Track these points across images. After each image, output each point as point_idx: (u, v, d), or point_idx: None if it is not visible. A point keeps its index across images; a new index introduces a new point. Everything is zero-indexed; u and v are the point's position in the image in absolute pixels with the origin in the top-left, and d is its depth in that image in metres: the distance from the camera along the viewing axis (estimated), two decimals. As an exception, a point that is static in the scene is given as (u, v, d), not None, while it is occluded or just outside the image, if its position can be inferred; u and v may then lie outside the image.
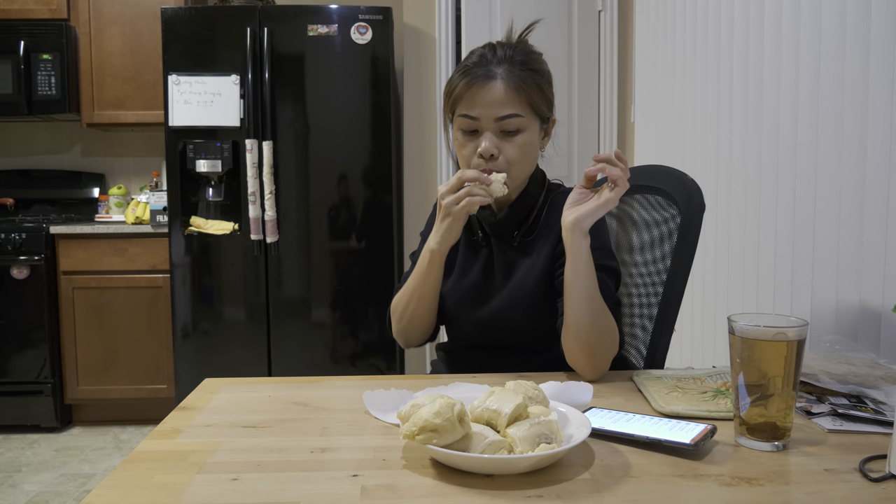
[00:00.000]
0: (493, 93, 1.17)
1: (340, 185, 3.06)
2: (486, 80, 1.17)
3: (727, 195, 1.96)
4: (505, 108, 1.17)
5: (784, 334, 0.80)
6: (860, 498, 0.69)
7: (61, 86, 3.37)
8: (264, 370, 3.08)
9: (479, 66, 1.19)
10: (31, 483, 2.66)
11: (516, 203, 1.27)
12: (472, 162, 1.20)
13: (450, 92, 1.22)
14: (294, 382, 1.14)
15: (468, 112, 1.18)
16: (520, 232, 1.29)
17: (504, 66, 1.18)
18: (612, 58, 3.27)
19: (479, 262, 1.32)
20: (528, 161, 1.23)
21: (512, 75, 1.18)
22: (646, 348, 1.34)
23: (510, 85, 1.17)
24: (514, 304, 1.26)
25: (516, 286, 1.26)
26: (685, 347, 2.25)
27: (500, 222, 1.28)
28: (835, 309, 1.44)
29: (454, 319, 1.33)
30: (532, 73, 1.21)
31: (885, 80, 1.29)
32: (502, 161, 1.18)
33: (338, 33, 2.99)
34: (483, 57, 1.20)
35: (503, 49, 1.21)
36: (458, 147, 1.23)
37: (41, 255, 3.19)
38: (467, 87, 1.18)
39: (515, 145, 1.19)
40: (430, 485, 0.73)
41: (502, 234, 1.30)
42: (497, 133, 1.18)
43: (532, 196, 1.29)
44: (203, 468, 0.78)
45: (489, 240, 1.32)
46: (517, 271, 1.28)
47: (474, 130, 1.19)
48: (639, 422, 0.88)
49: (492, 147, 1.17)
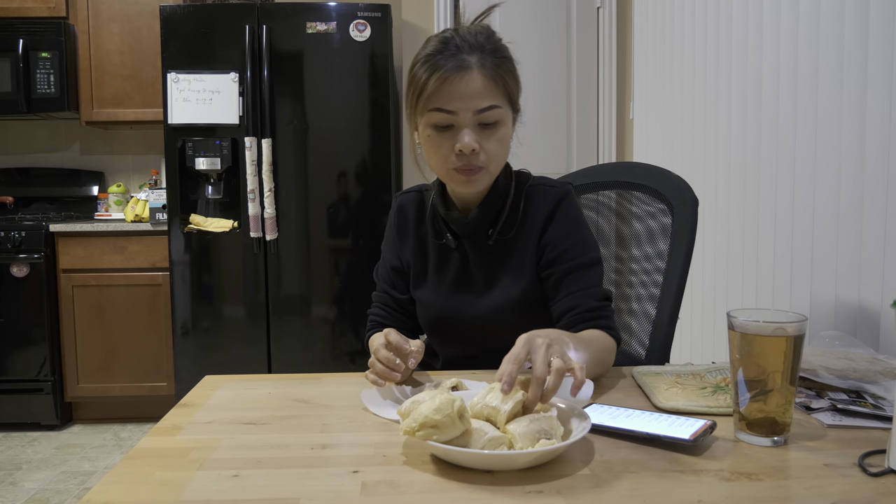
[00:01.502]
0: (471, 84, 1.07)
1: (339, 183, 3.06)
2: (460, 71, 1.07)
3: (726, 191, 1.96)
4: (484, 99, 1.08)
5: (783, 329, 0.80)
6: (860, 492, 0.69)
7: (60, 84, 3.36)
8: (264, 367, 3.08)
9: (446, 55, 1.07)
10: (31, 481, 2.66)
11: (487, 199, 1.18)
12: (448, 159, 1.10)
13: (418, 87, 1.09)
14: (294, 379, 1.14)
15: (443, 106, 1.07)
16: (495, 230, 1.20)
17: (476, 54, 1.08)
18: (610, 54, 3.27)
19: (452, 268, 1.23)
20: (505, 155, 1.16)
21: (486, 63, 1.08)
22: (648, 338, 1.34)
23: (487, 74, 1.08)
24: (503, 312, 1.18)
25: (502, 291, 1.18)
26: (684, 343, 2.25)
27: (472, 222, 1.18)
28: (834, 304, 1.44)
29: (436, 334, 1.26)
30: (505, 59, 1.12)
31: (883, 74, 1.29)
32: (483, 156, 1.10)
33: (336, 30, 2.99)
34: (446, 44, 1.09)
35: (469, 35, 1.10)
36: (430, 146, 1.11)
37: (41, 254, 3.19)
38: (441, 80, 1.06)
39: (495, 139, 1.11)
40: (430, 481, 0.73)
41: (475, 234, 1.21)
42: (474, 127, 1.09)
43: (503, 190, 1.19)
44: (204, 465, 0.78)
45: (460, 241, 1.23)
46: (500, 274, 1.19)
47: (449, 126, 1.09)
48: (638, 417, 0.88)
49: (472, 142, 1.08)
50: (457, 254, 1.23)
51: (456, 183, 1.14)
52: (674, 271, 1.31)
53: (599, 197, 1.55)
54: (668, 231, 1.36)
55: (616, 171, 1.54)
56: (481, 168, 1.11)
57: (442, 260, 1.25)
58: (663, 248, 1.36)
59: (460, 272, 1.23)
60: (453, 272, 1.23)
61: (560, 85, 3.38)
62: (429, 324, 1.27)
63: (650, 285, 1.39)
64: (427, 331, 1.28)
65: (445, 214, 1.21)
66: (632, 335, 1.42)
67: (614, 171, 1.54)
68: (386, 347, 1.01)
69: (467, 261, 1.22)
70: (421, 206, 1.29)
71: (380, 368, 1.00)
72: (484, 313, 1.19)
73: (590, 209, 1.56)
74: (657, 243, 1.39)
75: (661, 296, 1.34)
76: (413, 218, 1.28)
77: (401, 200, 1.31)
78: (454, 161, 1.10)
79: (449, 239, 1.23)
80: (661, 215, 1.39)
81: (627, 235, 1.49)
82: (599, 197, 1.55)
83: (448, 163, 1.11)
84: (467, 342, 1.23)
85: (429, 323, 1.27)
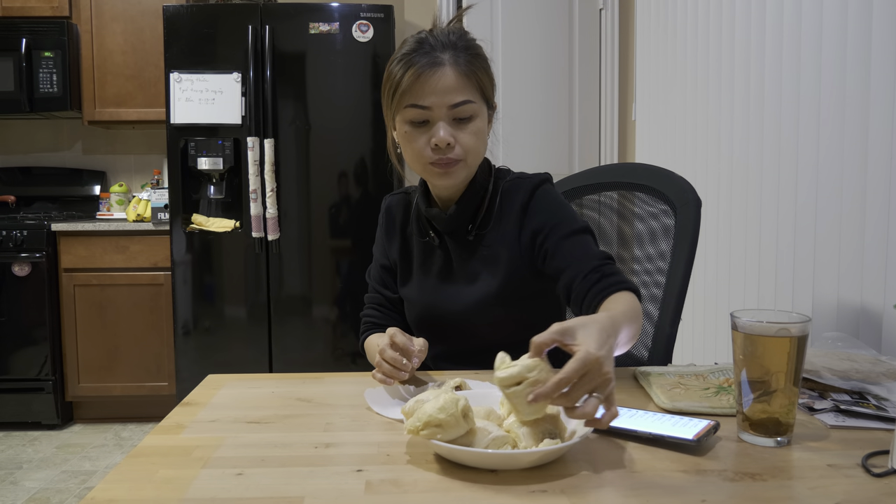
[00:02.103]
0: (444, 79, 1.10)
1: (341, 183, 3.07)
2: (433, 67, 1.10)
3: (729, 192, 1.96)
4: (458, 94, 1.11)
5: (787, 330, 0.80)
6: (863, 493, 0.69)
7: (63, 83, 3.37)
8: (265, 368, 3.08)
9: (420, 53, 1.11)
10: (31, 480, 2.66)
11: (465, 195, 1.20)
12: (424, 153, 1.13)
13: (394, 86, 1.14)
14: (297, 379, 1.14)
15: (418, 101, 1.11)
16: (474, 226, 1.22)
17: (448, 51, 1.12)
18: (612, 56, 3.27)
19: (435, 265, 1.26)
20: (482, 148, 1.18)
21: (459, 60, 1.12)
22: (651, 339, 1.34)
23: (460, 70, 1.11)
24: (483, 306, 1.19)
25: (482, 285, 1.20)
26: (687, 344, 2.25)
27: (452, 218, 1.21)
28: (836, 305, 1.44)
29: (422, 331, 1.26)
30: (478, 56, 1.15)
31: (887, 75, 1.29)
32: (459, 149, 1.12)
33: (339, 31, 2.99)
34: (421, 44, 1.13)
35: (443, 35, 1.14)
36: (407, 142, 1.15)
37: (42, 253, 3.19)
38: (415, 77, 1.10)
39: (470, 133, 1.13)
40: (434, 479, 0.73)
41: (455, 230, 1.23)
42: (450, 122, 1.12)
43: (481, 186, 1.22)
44: (207, 463, 0.78)
45: (443, 238, 1.25)
46: (480, 269, 1.22)
47: (425, 121, 1.12)
48: (642, 418, 0.88)
49: (447, 136, 1.11)
50: (440, 251, 1.26)
51: (433, 176, 1.17)
52: (676, 272, 1.31)
53: (601, 198, 1.55)
54: (670, 232, 1.36)
55: (619, 171, 1.54)
56: (458, 161, 1.14)
57: (426, 257, 1.28)
58: (665, 249, 1.36)
59: (443, 269, 1.26)
60: (436, 269, 1.26)
61: (562, 86, 3.38)
62: (415, 321, 1.29)
63: (652, 286, 1.39)
64: (414, 327, 1.31)
65: (426, 211, 1.24)
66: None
67: (617, 171, 1.54)
68: (392, 347, 1.03)
69: (450, 257, 1.25)
70: (407, 206, 1.33)
71: (387, 368, 1.02)
72: (465, 308, 1.21)
73: (592, 210, 1.57)
74: (659, 244, 1.39)
75: (663, 297, 1.34)
76: (399, 218, 1.33)
77: (388, 202, 1.36)
78: (430, 155, 1.13)
79: (432, 237, 1.26)
80: (664, 216, 1.39)
81: (630, 236, 1.49)
82: (601, 198, 1.55)
83: (424, 157, 1.14)
84: (452, 338, 1.24)
85: (415, 320, 1.29)
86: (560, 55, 3.35)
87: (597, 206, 1.56)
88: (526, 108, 3.33)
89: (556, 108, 3.39)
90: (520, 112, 3.31)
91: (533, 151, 3.30)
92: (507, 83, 3.26)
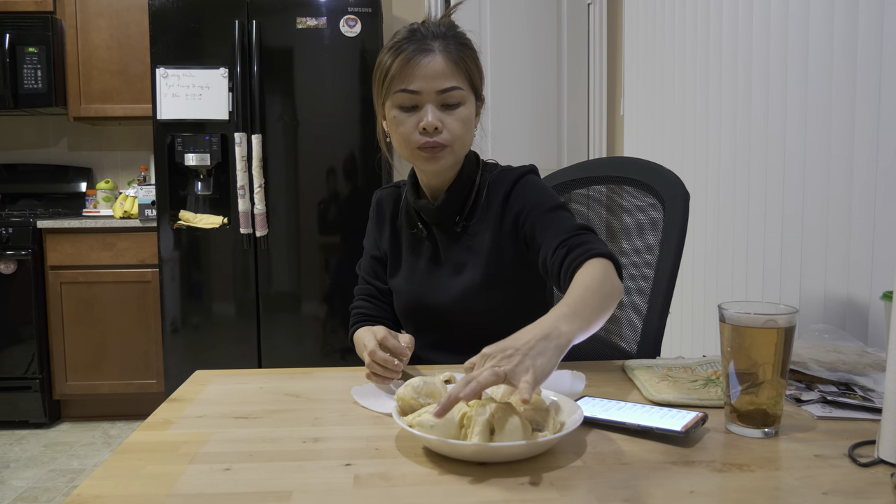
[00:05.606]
0: (434, 65, 1.13)
1: (330, 179, 3.05)
2: (423, 54, 1.13)
3: (716, 186, 1.97)
4: (446, 80, 1.13)
5: (774, 321, 0.80)
6: (850, 482, 0.69)
7: (47, 79, 3.34)
8: (254, 364, 3.07)
9: (411, 41, 1.14)
10: (19, 479, 2.64)
11: (452, 187, 1.22)
12: (412, 138, 1.15)
13: (384, 72, 1.16)
14: (285, 374, 1.14)
15: (407, 86, 1.13)
16: (462, 217, 1.24)
17: (439, 40, 1.14)
18: (601, 51, 3.27)
19: (423, 256, 1.28)
20: (469, 136, 1.19)
21: (449, 48, 1.14)
22: (639, 335, 1.34)
23: (449, 57, 1.14)
24: (468, 295, 1.21)
25: (468, 275, 1.21)
26: (675, 337, 2.26)
27: (439, 209, 1.23)
28: (823, 298, 1.45)
29: (410, 321, 1.29)
30: (466, 47, 1.18)
31: (872, 67, 1.30)
32: (446, 134, 1.14)
33: (326, 26, 2.97)
34: (413, 33, 1.15)
35: (434, 26, 1.16)
36: (395, 127, 1.16)
37: (28, 250, 3.16)
38: (405, 62, 1.12)
39: (457, 118, 1.15)
40: (423, 473, 0.73)
41: (443, 221, 1.25)
42: (438, 106, 1.14)
43: (469, 178, 1.24)
44: (195, 458, 0.78)
45: (430, 230, 1.27)
46: (466, 259, 1.23)
47: (413, 106, 1.14)
48: (630, 410, 0.88)
49: (435, 120, 1.12)
50: (427, 242, 1.28)
51: (420, 161, 1.18)
52: (665, 265, 1.31)
53: (590, 192, 1.55)
54: (658, 225, 1.36)
55: (607, 165, 1.54)
56: (445, 146, 1.15)
57: (415, 249, 1.30)
58: (654, 243, 1.37)
59: (431, 259, 1.27)
60: (424, 260, 1.28)
61: (551, 81, 3.38)
62: (403, 311, 1.31)
63: (641, 279, 1.40)
64: (402, 318, 1.32)
65: (415, 203, 1.26)
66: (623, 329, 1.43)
67: (605, 165, 1.55)
68: (381, 349, 1.04)
69: (437, 248, 1.27)
70: (397, 199, 1.35)
71: (378, 370, 1.03)
72: (452, 298, 1.22)
73: (581, 204, 1.57)
74: (647, 237, 1.39)
75: (651, 290, 1.34)
76: (389, 211, 1.35)
77: (379, 196, 1.39)
78: (418, 139, 1.15)
79: (420, 228, 1.28)
80: (652, 209, 1.39)
81: (618, 229, 1.49)
82: (590, 192, 1.55)
83: (412, 142, 1.15)
84: (439, 328, 1.26)
85: (403, 310, 1.31)
86: (548, 50, 3.36)
87: (585, 200, 1.56)
88: (515, 103, 3.34)
89: (544, 102, 3.39)
90: (509, 106, 3.31)
91: (522, 146, 3.30)
92: (495, 78, 3.26)
